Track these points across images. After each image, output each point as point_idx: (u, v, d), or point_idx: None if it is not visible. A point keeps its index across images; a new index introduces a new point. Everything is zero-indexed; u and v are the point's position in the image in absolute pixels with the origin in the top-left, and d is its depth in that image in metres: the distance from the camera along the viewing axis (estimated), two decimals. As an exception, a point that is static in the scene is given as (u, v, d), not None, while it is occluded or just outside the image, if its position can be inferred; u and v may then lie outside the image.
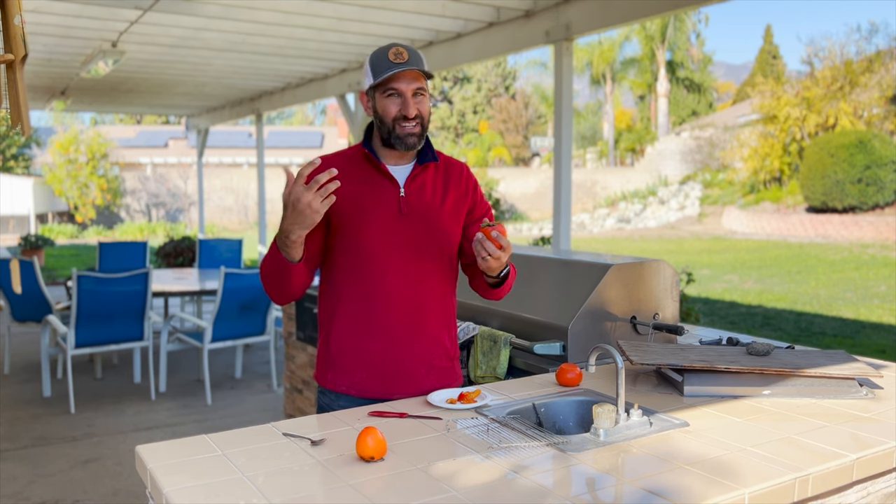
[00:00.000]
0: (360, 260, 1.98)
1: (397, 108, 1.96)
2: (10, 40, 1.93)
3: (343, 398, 2.05)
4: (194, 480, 1.46)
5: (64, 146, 23.57)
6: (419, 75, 1.96)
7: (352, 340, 2.02)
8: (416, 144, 1.99)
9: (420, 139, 2.00)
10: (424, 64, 1.98)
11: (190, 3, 5.31)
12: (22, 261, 5.73)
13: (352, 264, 1.95)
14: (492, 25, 5.77)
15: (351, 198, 1.99)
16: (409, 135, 1.98)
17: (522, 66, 47.40)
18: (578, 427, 1.97)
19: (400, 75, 1.94)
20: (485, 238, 1.85)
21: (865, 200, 17.89)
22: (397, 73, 1.93)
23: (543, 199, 27.77)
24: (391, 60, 1.93)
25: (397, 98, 1.96)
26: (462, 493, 1.40)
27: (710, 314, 9.07)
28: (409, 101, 1.96)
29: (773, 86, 21.59)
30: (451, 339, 2.14)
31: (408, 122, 1.96)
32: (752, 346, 2.20)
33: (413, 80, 1.96)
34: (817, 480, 1.52)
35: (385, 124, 1.99)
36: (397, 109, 1.96)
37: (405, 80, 1.95)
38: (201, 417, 5.02)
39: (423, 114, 1.99)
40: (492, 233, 1.85)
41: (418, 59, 1.96)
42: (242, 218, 26.76)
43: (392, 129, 1.98)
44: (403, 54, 1.94)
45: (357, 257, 1.97)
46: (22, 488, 3.82)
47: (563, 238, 5.25)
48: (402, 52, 1.94)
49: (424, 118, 1.99)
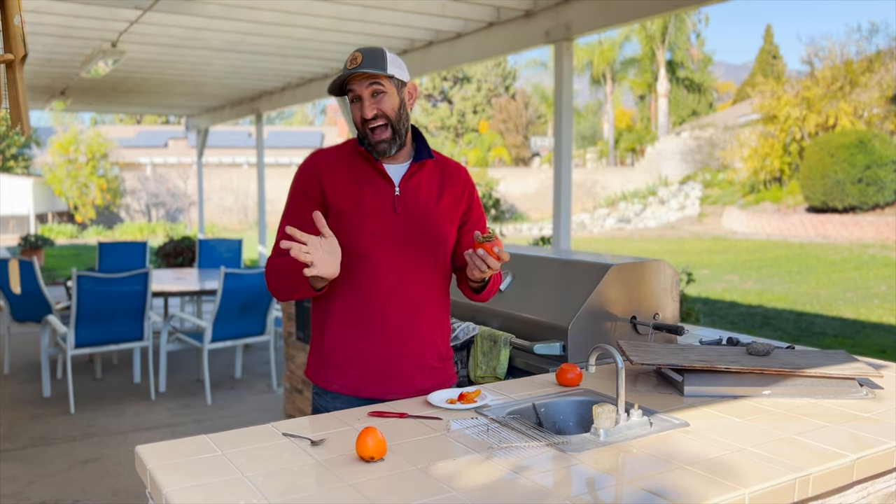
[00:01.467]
0: (355, 259, 1.98)
1: (359, 111, 1.98)
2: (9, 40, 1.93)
3: (338, 399, 2.05)
4: (194, 480, 1.46)
5: (64, 146, 23.57)
6: (372, 74, 1.93)
7: (346, 339, 2.02)
8: (386, 151, 1.98)
9: (391, 144, 1.98)
10: (382, 62, 1.94)
11: (190, 3, 5.31)
12: (21, 261, 5.73)
13: (346, 263, 1.95)
14: (492, 25, 5.76)
15: (346, 196, 1.98)
16: (379, 141, 1.97)
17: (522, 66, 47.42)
18: (578, 427, 1.97)
19: (353, 79, 1.95)
20: (486, 254, 1.87)
21: (865, 200, 17.89)
22: (349, 76, 1.94)
23: (543, 199, 27.77)
24: (347, 66, 1.94)
25: (358, 102, 1.97)
26: (462, 493, 1.40)
27: (711, 314, 9.07)
28: (365, 103, 1.95)
29: (774, 86, 21.59)
30: (443, 340, 2.14)
31: (372, 123, 1.96)
32: (752, 346, 2.20)
33: (366, 79, 1.94)
34: (817, 480, 1.52)
35: (360, 132, 2.01)
36: (359, 113, 1.98)
37: (358, 82, 1.95)
38: (201, 417, 5.02)
39: (386, 111, 1.96)
40: (493, 248, 1.87)
41: (373, 59, 1.93)
42: (242, 218, 26.77)
43: (365, 136, 1.99)
44: (358, 58, 1.93)
45: (352, 256, 1.97)
46: (22, 488, 3.82)
47: (563, 238, 5.25)
48: (357, 56, 1.94)
49: (390, 116, 1.96)
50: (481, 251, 1.87)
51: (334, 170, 2.01)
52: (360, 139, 2.06)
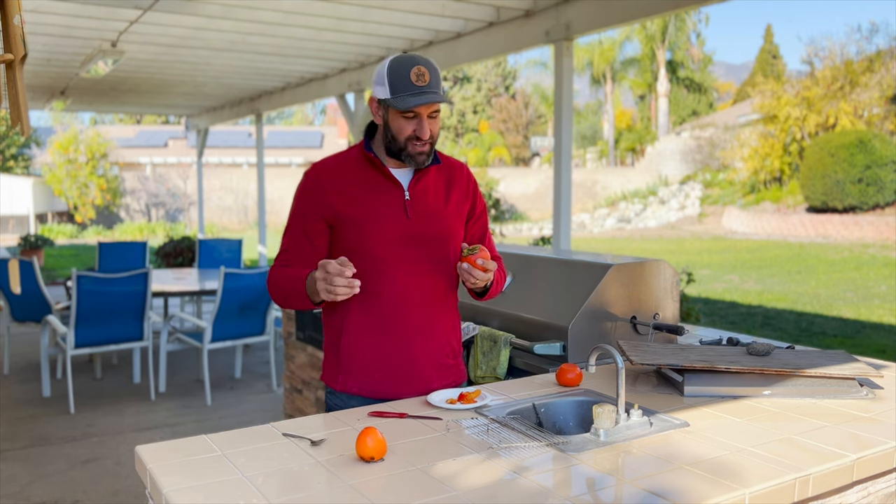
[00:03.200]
0: (370, 263, 1.99)
1: (412, 129, 1.95)
2: (9, 40, 1.92)
3: (355, 399, 2.07)
4: (194, 481, 1.46)
5: (63, 146, 23.58)
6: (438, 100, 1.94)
7: (364, 342, 2.04)
8: (425, 163, 2.00)
9: (429, 157, 2.01)
10: (442, 86, 1.97)
11: (190, 3, 5.31)
12: (21, 261, 5.73)
13: (361, 268, 1.95)
14: (492, 25, 5.76)
15: (357, 203, 2.00)
16: (419, 153, 1.98)
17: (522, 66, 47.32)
18: (578, 427, 1.97)
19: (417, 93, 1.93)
20: (471, 268, 1.92)
21: (865, 200, 17.89)
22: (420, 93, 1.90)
23: (543, 199, 27.77)
24: (413, 83, 1.90)
25: (413, 119, 1.95)
26: (462, 493, 1.40)
27: (711, 314, 9.07)
28: (424, 124, 1.95)
29: (774, 86, 21.60)
30: (456, 337, 2.17)
31: (419, 142, 1.97)
32: (752, 346, 2.20)
33: (432, 103, 1.94)
34: (817, 480, 1.52)
35: (397, 141, 1.99)
36: (412, 130, 1.95)
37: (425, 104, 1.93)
38: (201, 417, 5.02)
39: (435, 134, 2.00)
40: (477, 261, 1.91)
41: (438, 82, 1.94)
42: (242, 218, 26.77)
43: (404, 147, 1.98)
44: (425, 76, 1.90)
45: (367, 261, 1.98)
46: (22, 488, 3.82)
47: (563, 238, 5.25)
48: (425, 73, 1.91)
49: (435, 138, 2.01)
50: (466, 265, 1.92)
51: (340, 179, 2.02)
52: (366, 141, 2.07)
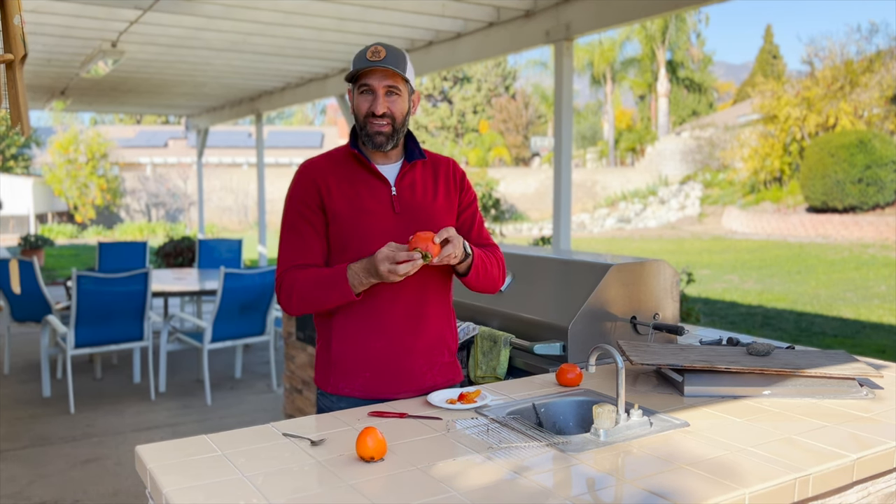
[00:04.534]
0: (357, 260, 1.98)
1: (368, 104, 1.97)
2: (9, 40, 1.92)
3: (345, 400, 2.04)
4: (194, 480, 1.46)
5: (63, 146, 23.57)
6: (394, 74, 1.95)
7: (354, 342, 2.02)
8: (383, 144, 1.99)
9: (389, 139, 1.99)
10: (404, 65, 1.97)
11: (190, 3, 5.31)
12: (21, 261, 5.73)
13: None
14: (492, 25, 5.76)
15: (344, 199, 2.00)
16: (377, 133, 1.98)
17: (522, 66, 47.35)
18: (578, 427, 1.97)
19: (372, 71, 1.94)
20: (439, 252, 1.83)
21: (865, 200, 17.89)
22: (369, 69, 1.93)
23: (543, 199, 27.76)
24: (367, 58, 1.94)
25: (369, 95, 1.97)
26: (462, 493, 1.40)
27: (711, 314, 9.07)
28: (379, 98, 1.95)
29: (774, 86, 21.59)
30: (451, 335, 2.15)
31: (377, 120, 1.96)
32: (752, 347, 2.20)
33: (385, 77, 1.95)
34: (817, 480, 1.52)
35: (358, 121, 2.01)
36: (368, 106, 1.97)
37: (377, 77, 1.95)
38: (201, 417, 5.02)
39: (395, 113, 1.98)
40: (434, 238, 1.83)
41: (396, 59, 1.95)
42: (242, 218, 26.76)
43: (363, 126, 1.99)
44: (381, 52, 1.94)
45: (354, 258, 1.97)
46: (22, 488, 3.82)
47: (563, 238, 5.25)
48: (381, 50, 1.94)
49: (396, 118, 1.98)
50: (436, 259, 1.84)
51: (329, 175, 2.03)
52: (352, 139, 2.07)
